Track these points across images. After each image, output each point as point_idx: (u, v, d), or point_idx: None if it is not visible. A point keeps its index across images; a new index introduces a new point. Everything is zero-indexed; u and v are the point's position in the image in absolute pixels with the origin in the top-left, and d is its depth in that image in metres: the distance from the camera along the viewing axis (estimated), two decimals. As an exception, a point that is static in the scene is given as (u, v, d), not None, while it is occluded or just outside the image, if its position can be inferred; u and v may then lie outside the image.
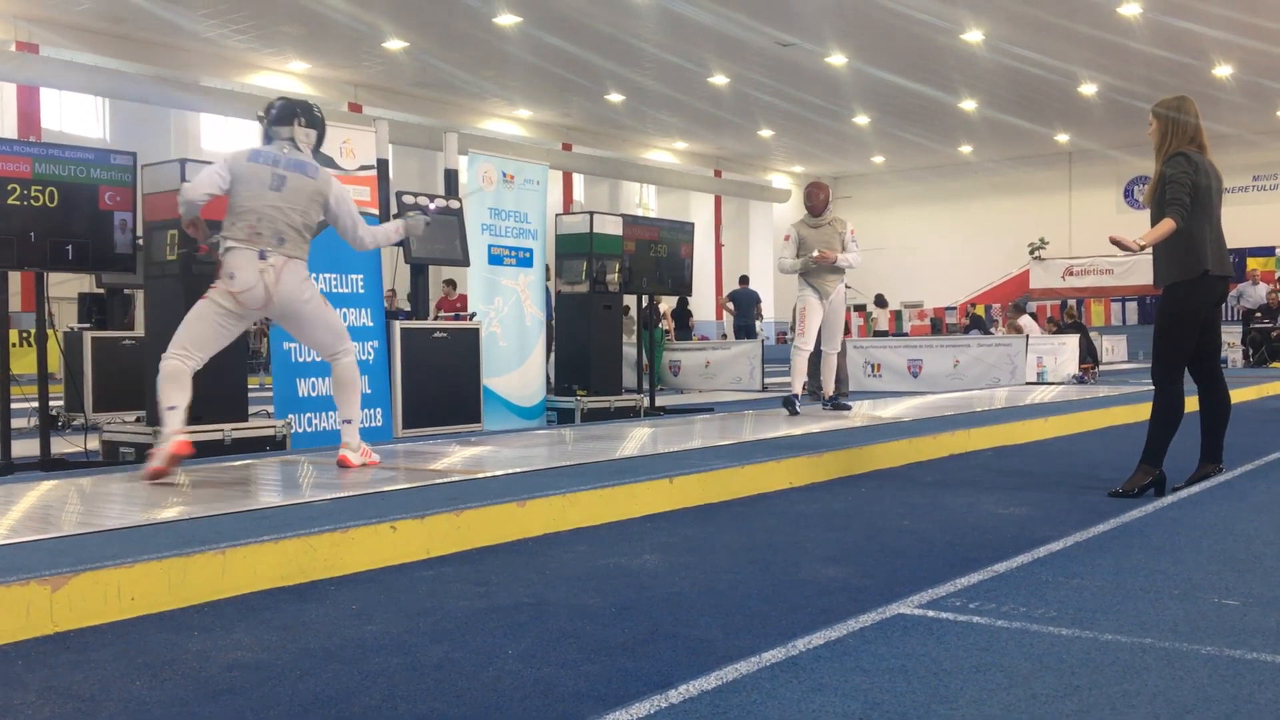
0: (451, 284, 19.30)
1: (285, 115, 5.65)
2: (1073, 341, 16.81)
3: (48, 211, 6.64)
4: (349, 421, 5.89)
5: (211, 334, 5.50)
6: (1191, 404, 5.67)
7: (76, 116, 25.73)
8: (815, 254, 8.81)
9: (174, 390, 5.39)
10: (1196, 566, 3.92)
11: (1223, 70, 25.53)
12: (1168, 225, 5.29)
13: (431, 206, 7.98)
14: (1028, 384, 14.57)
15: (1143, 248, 5.28)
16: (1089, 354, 17.21)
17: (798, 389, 9.08)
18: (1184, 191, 5.30)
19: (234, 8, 21.07)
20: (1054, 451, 7.78)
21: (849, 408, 9.66)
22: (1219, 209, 5.54)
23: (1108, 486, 5.72)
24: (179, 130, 26.81)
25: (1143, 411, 6.75)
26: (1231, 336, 21.19)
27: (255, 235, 5.43)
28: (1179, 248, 5.39)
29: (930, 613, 3.31)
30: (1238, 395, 12.36)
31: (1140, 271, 29.54)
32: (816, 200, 9.00)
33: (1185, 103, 5.54)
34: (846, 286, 9.27)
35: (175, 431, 5.30)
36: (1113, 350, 25.16)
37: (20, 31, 21.62)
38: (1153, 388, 5.57)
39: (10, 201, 6.47)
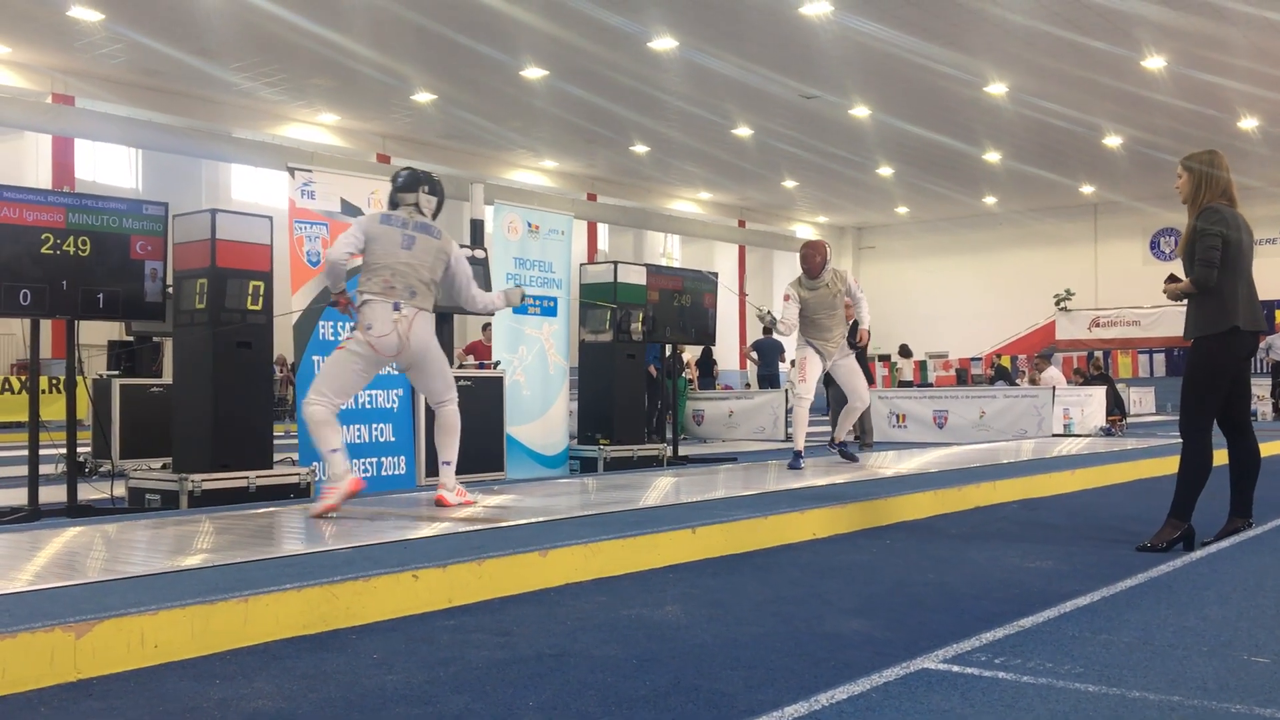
0: (488, 328, 19.42)
1: (411, 183, 6.30)
2: (1099, 393, 16.69)
3: (80, 260, 6.73)
4: (448, 464, 6.30)
5: (349, 380, 6.03)
6: (1221, 457, 5.62)
7: (110, 167, 26.17)
8: (859, 337, 9.04)
9: (330, 434, 5.91)
10: (1225, 623, 3.86)
11: (1248, 123, 25.52)
12: (1198, 284, 5.32)
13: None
14: (1054, 436, 14.46)
15: (1181, 295, 5.36)
16: (1116, 406, 17.08)
17: (800, 444, 8.84)
18: (1215, 249, 5.29)
19: (265, 61, 21.44)
20: (1081, 505, 7.70)
21: (857, 459, 9.45)
22: (1250, 263, 5.53)
23: (1135, 540, 5.66)
24: (210, 181, 27.24)
25: (1171, 465, 6.69)
26: (1261, 389, 21.00)
27: (390, 289, 5.96)
28: (1210, 302, 5.37)
29: (955, 668, 3.27)
30: (1267, 449, 12.20)
31: (1168, 323, 29.36)
32: (813, 263, 8.57)
33: (1216, 156, 5.54)
34: (854, 345, 9.12)
35: (347, 470, 5.84)
36: (1140, 402, 24.95)
37: (57, 84, 22.07)
38: (1181, 441, 5.53)
39: (44, 251, 6.57)
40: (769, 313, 8.95)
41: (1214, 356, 5.41)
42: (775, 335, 8.87)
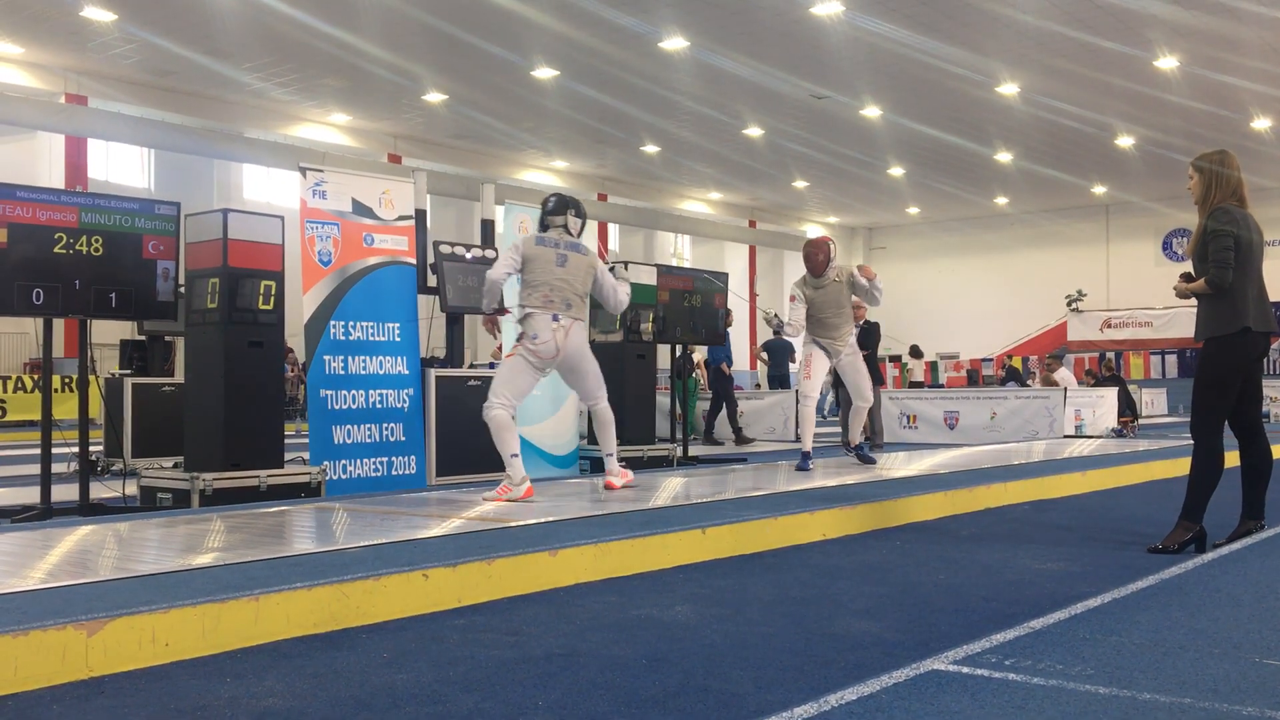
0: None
1: (560, 207, 6.95)
2: (1111, 394, 16.63)
3: (93, 260, 6.76)
4: (610, 455, 7.18)
5: (522, 384, 6.74)
6: (1233, 459, 5.60)
7: (122, 167, 26.27)
8: (863, 270, 8.57)
9: (511, 438, 6.59)
10: (1237, 625, 3.85)
11: (1261, 123, 25.42)
12: (1215, 285, 5.31)
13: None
14: (1065, 437, 14.42)
15: (1194, 295, 5.37)
16: (1128, 407, 17.02)
17: (808, 445, 8.71)
18: (1228, 249, 5.27)
19: (277, 61, 21.51)
20: (1092, 506, 7.68)
21: (874, 460, 9.35)
22: (1261, 263, 5.51)
23: (1147, 542, 5.65)
24: (222, 181, 27.33)
25: (1183, 466, 6.66)
26: (1275, 391, 20.91)
27: (549, 302, 6.68)
28: (1221, 302, 5.36)
29: (965, 669, 3.27)
30: (1280, 450, 12.18)
31: (1180, 324, 29.22)
32: (816, 261, 8.47)
33: (1227, 157, 5.53)
34: (864, 349, 9.00)
35: (525, 478, 6.52)
36: (1152, 404, 24.86)
37: (70, 84, 22.16)
38: (1192, 442, 5.52)
39: (57, 250, 6.60)
40: (775, 315, 8.92)
41: (1225, 357, 5.39)
42: (784, 336, 8.77)
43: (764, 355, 20.59)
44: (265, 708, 2.92)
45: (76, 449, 7.08)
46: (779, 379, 20.13)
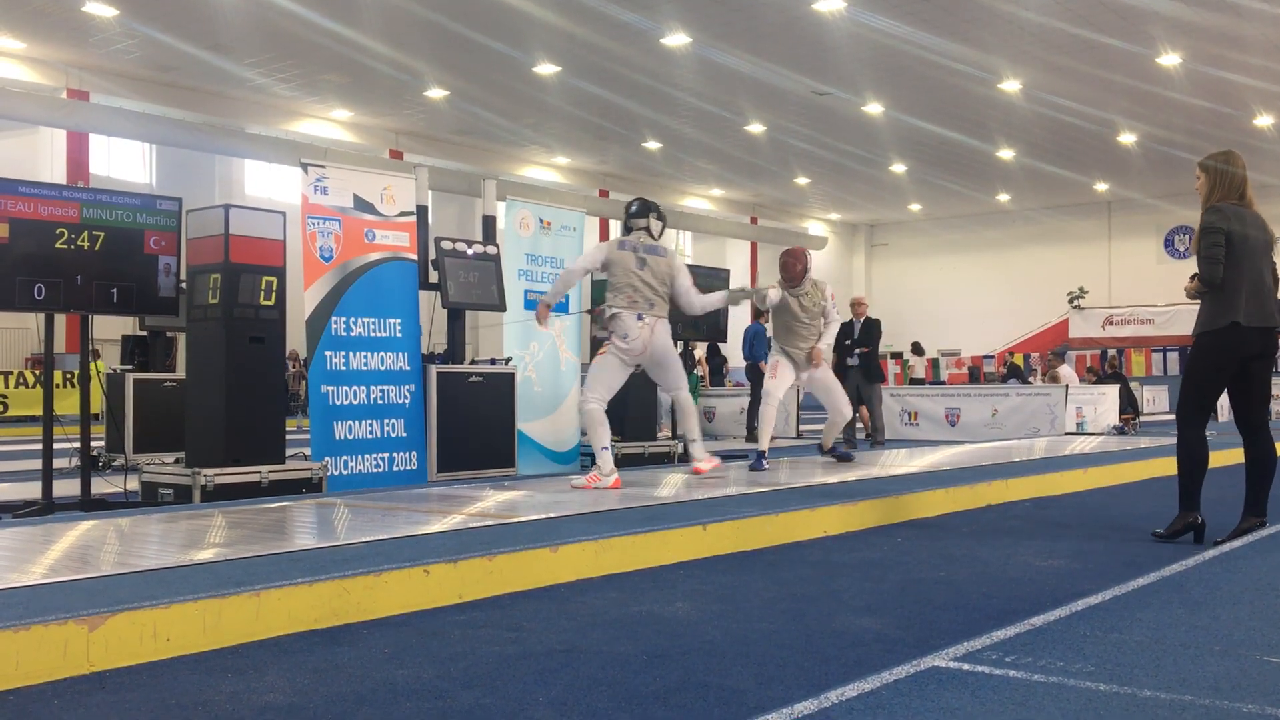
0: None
1: (643, 211, 7.52)
2: (1113, 392, 16.63)
3: (94, 255, 6.76)
4: (695, 440, 7.70)
5: (614, 379, 7.33)
6: (1239, 456, 5.67)
7: (124, 162, 26.28)
8: (811, 354, 8.38)
9: (604, 431, 7.16)
10: (1237, 623, 3.85)
11: (1263, 120, 25.38)
12: (1205, 280, 5.44)
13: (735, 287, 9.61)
14: (1067, 434, 14.41)
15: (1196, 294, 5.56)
16: (1129, 404, 17.02)
17: (764, 444, 8.51)
18: (1217, 245, 5.37)
19: (279, 57, 21.50)
20: (1093, 503, 7.68)
21: (851, 457, 9.19)
22: (1264, 260, 5.54)
23: (1148, 539, 5.70)
24: (223, 176, 27.32)
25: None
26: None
27: (633, 303, 7.19)
28: (1213, 297, 5.48)
29: (965, 666, 3.27)
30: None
31: (1181, 322, 29.17)
32: (794, 271, 8.40)
33: (1232, 156, 5.64)
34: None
35: (613, 470, 7.08)
36: (1154, 401, 24.85)
37: (71, 79, 22.17)
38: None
39: (58, 246, 6.60)
40: (748, 289, 8.86)
41: (1210, 352, 5.52)
42: (759, 304, 8.60)
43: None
44: (266, 703, 2.92)
45: (78, 444, 7.09)
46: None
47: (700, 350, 17.49)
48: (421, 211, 8.51)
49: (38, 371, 20.24)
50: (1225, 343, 5.46)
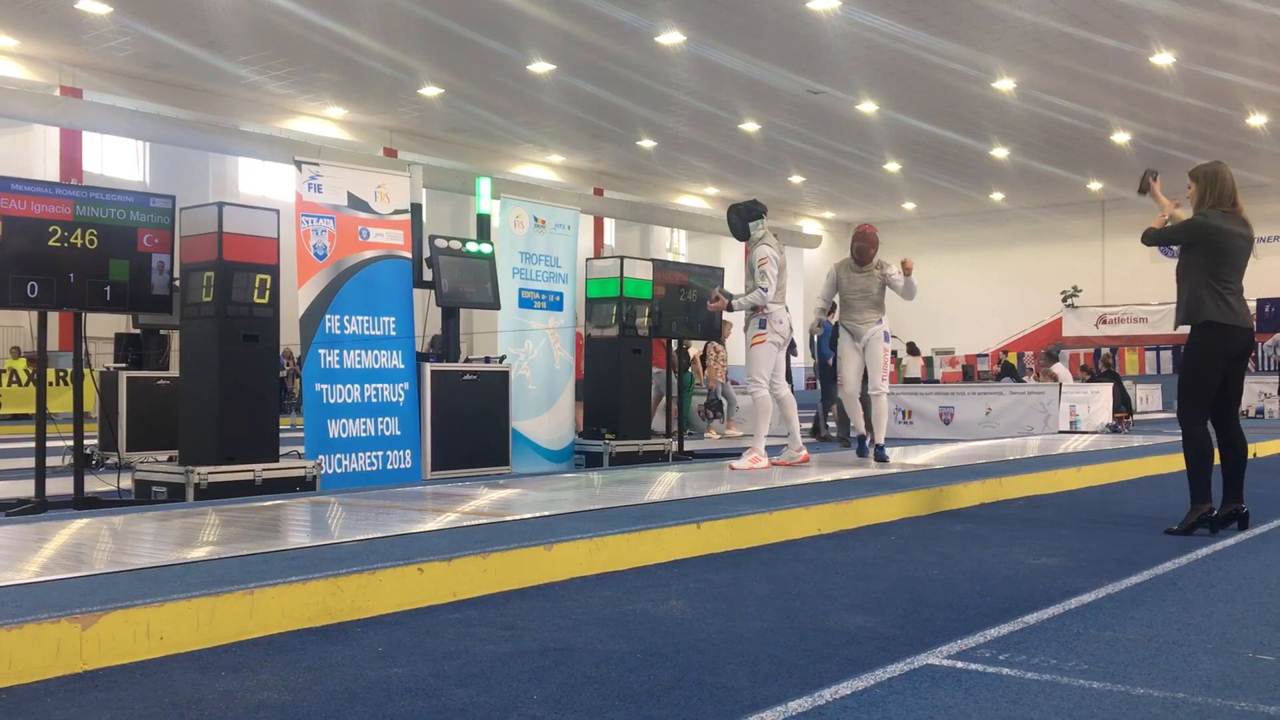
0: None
1: (758, 212, 8.65)
2: (1106, 390, 16.66)
3: (88, 253, 6.74)
4: (791, 433, 8.71)
5: (775, 364, 8.41)
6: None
7: (117, 160, 26.22)
8: (900, 269, 8.60)
9: (768, 417, 8.43)
10: (1230, 620, 3.86)
11: (1257, 119, 25.43)
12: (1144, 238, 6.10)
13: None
14: (1060, 433, 14.44)
15: (1167, 217, 6.10)
16: (1123, 403, 17.05)
17: (861, 428, 9.10)
18: (1187, 231, 5.82)
19: (273, 54, 21.46)
20: (1087, 501, 7.70)
21: (887, 459, 9.12)
22: (1243, 263, 5.78)
23: (1141, 537, 5.75)
24: (217, 174, 27.27)
25: (1177, 462, 6.68)
26: (1268, 386, 20.93)
27: (782, 298, 8.37)
28: (1211, 291, 5.66)
29: (959, 664, 3.27)
30: (1274, 446, 12.19)
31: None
32: (866, 255, 8.71)
33: (1220, 166, 5.88)
34: (888, 335, 9.00)
35: (764, 453, 8.36)
36: (1147, 399, 24.91)
37: (65, 76, 22.11)
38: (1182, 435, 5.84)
39: (51, 243, 6.59)
40: (720, 290, 8.91)
41: (1209, 343, 5.68)
42: (735, 304, 8.62)
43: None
44: (260, 701, 2.92)
45: (71, 442, 7.07)
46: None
47: (694, 349, 17.45)
48: (416, 209, 8.50)
49: (31, 369, 20.18)
50: (1224, 336, 5.66)
